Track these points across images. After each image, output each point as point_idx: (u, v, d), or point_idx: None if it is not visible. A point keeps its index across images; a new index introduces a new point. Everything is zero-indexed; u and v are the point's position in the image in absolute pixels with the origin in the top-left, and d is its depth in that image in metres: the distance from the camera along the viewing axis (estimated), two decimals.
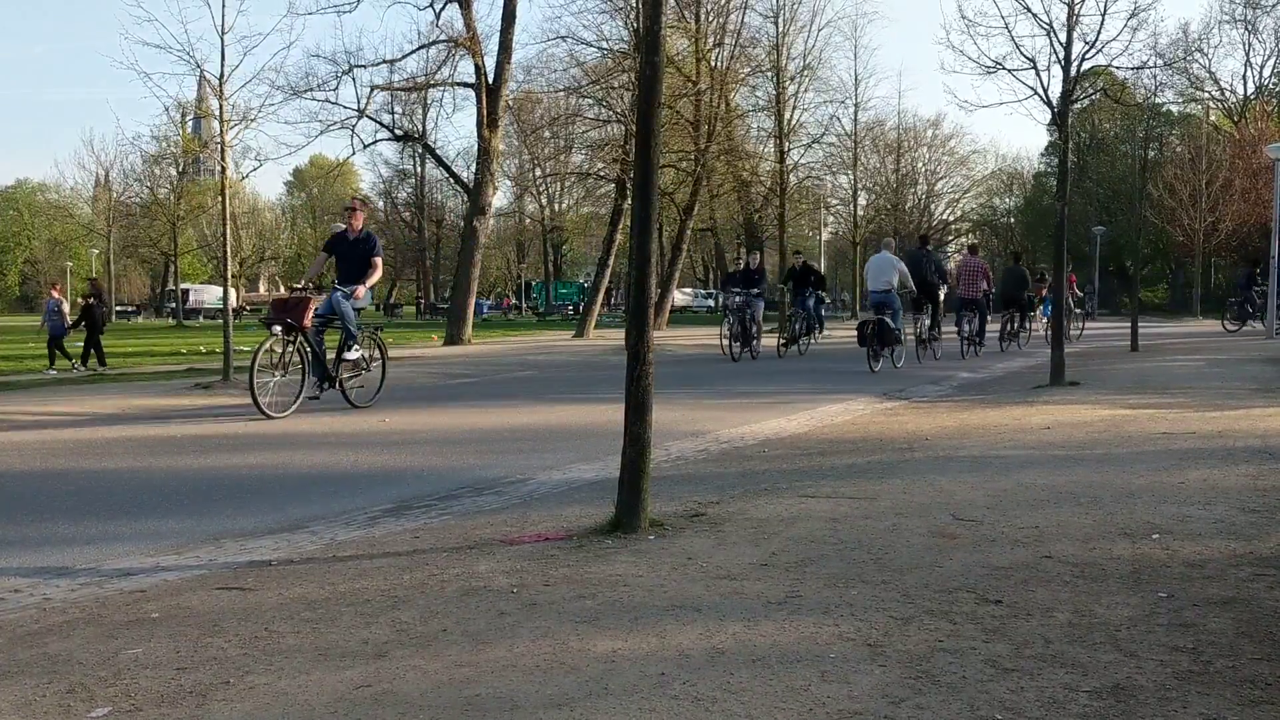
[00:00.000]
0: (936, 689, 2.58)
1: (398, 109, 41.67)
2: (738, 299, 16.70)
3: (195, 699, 2.64)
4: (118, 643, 3.13)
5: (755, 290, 16.71)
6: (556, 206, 57.65)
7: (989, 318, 17.43)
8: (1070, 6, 10.34)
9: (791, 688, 2.61)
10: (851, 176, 43.96)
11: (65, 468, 6.78)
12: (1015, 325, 18.38)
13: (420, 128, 44.67)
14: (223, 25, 11.99)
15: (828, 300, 22.70)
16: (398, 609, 3.37)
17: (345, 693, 2.65)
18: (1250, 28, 45.84)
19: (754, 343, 16.69)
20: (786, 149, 34.37)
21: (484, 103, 22.86)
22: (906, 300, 14.93)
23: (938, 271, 16.35)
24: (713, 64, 29.74)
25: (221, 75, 12.15)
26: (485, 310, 54.25)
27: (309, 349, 9.29)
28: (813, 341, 18.60)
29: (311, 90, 21.99)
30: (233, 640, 3.10)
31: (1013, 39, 16.43)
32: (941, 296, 16.19)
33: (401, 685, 2.69)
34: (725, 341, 16.26)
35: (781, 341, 18.18)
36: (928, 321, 15.76)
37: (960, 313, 16.71)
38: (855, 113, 41.46)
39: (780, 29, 32.87)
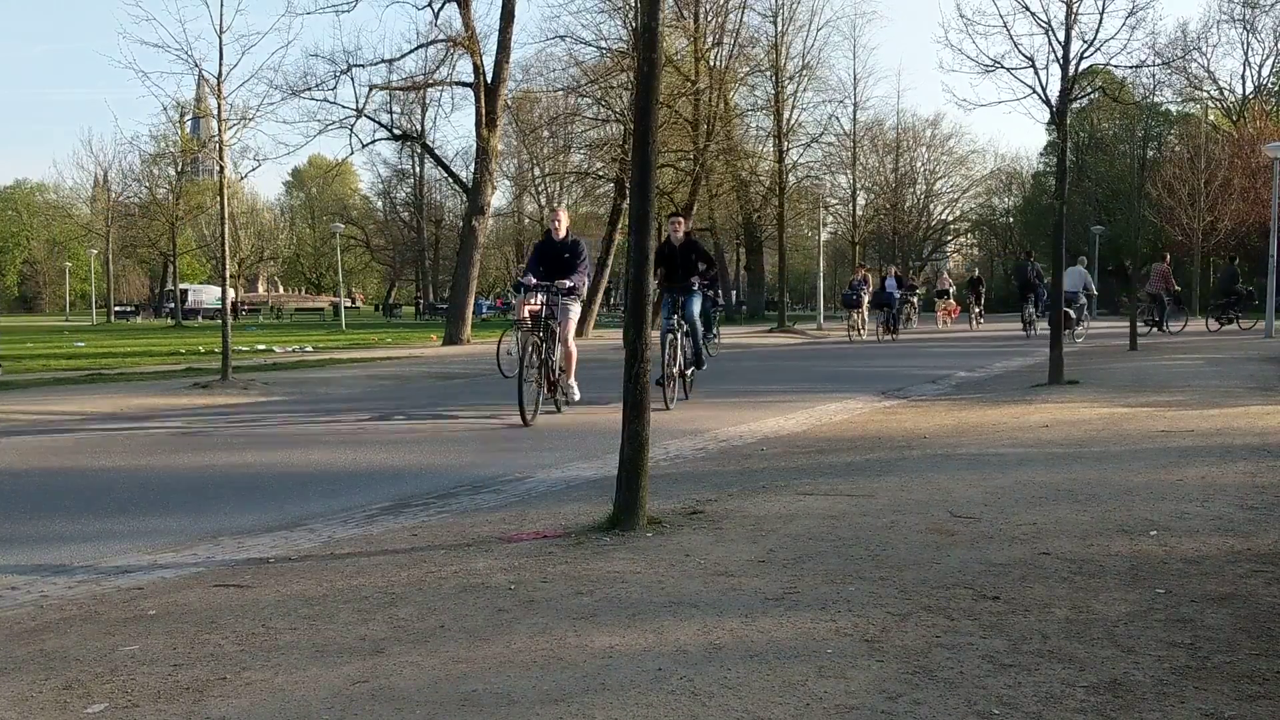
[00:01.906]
0: (934, 684, 2.58)
1: (396, 108, 41.63)
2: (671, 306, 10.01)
3: (192, 695, 2.63)
4: (115, 639, 3.13)
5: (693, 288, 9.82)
6: (555, 206, 57.61)
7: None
8: (1069, 5, 10.34)
9: (788, 683, 2.61)
10: (850, 176, 44.04)
11: (63, 466, 6.78)
12: (1234, 313, 22.70)
13: (419, 127, 44.62)
14: (221, 24, 11.98)
15: (721, 302, 18.45)
16: (395, 606, 3.37)
17: (342, 688, 2.65)
18: (1249, 27, 45.81)
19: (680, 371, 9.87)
20: (785, 148, 34.43)
21: (482, 102, 22.85)
22: (1082, 297, 20.09)
23: (1037, 274, 23.62)
24: (711, 63, 29.73)
25: (220, 74, 12.14)
26: (485, 310, 54.24)
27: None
28: (707, 353, 11.09)
29: (310, 90, 21.94)
30: (230, 637, 3.10)
31: (1011, 38, 16.40)
32: (1044, 294, 20.55)
33: (398, 681, 2.69)
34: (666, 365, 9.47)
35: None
36: (1033, 310, 22.37)
37: (1146, 304, 21.33)
38: (854, 112, 41.52)
39: (779, 28, 32.93)
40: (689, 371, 10.02)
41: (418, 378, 14.06)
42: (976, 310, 29.63)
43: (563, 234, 9.20)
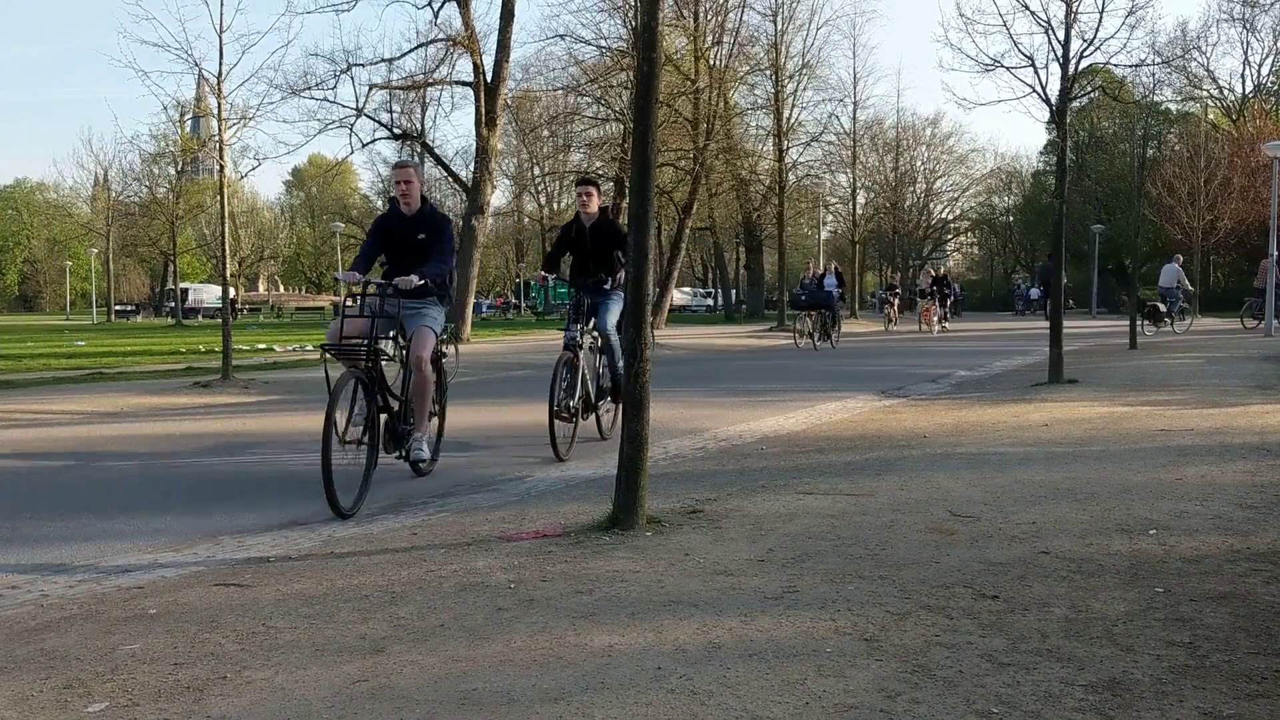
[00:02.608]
0: (932, 683, 2.58)
1: (396, 108, 41.51)
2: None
3: (192, 694, 2.64)
4: (115, 638, 3.13)
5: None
6: (555, 205, 57.58)
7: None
8: (1068, 4, 10.34)
9: (787, 681, 2.61)
10: (850, 175, 43.97)
11: (64, 465, 6.79)
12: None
13: (419, 126, 44.54)
14: (220, 24, 11.98)
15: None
16: (395, 605, 3.37)
17: (342, 687, 2.65)
18: (1248, 26, 45.78)
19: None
20: (785, 147, 34.41)
21: (482, 101, 22.84)
22: (1178, 293, 21.74)
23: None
24: (711, 62, 29.72)
25: (220, 74, 12.14)
26: (484, 309, 54.21)
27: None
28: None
29: (310, 89, 21.92)
30: (230, 636, 3.11)
31: (1011, 37, 16.42)
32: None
33: (398, 680, 2.69)
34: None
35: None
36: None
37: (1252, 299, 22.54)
38: (854, 111, 41.45)
39: (779, 27, 32.92)
40: (603, 406, 7.20)
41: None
42: (940, 312, 26.84)
43: (415, 202, 5.89)
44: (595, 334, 7.03)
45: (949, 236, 60.05)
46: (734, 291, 51.17)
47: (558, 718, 2.43)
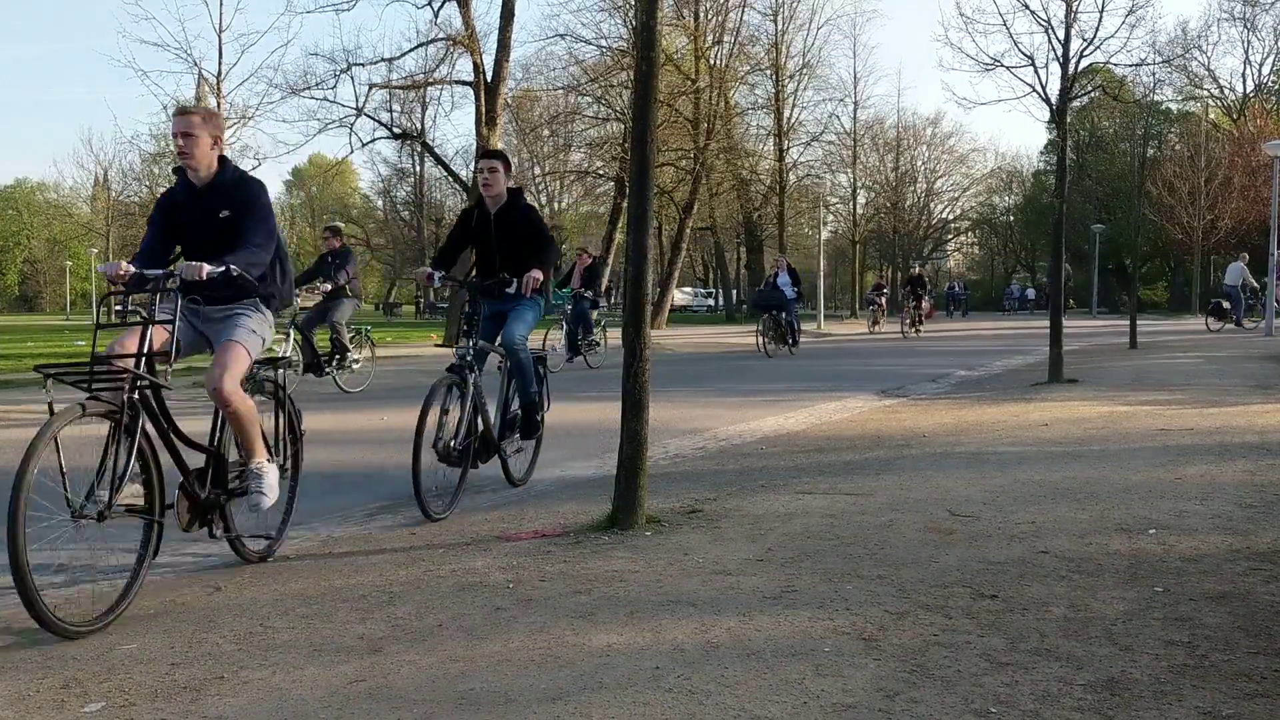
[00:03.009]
0: (931, 682, 2.58)
1: (396, 107, 41.66)
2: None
3: (189, 694, 2.64)
4: (112, 638, 3.13)
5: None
6: (556, 205, 57.61)
7: None
8: (1068, 3, 10.34)
9: (785, 681, 2.60)
10: (851, 175, 44.02)
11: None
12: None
13: (419, 126, 44.62)
14: (220, 23, 12.05)
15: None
16: (393, 605, 3.37)
17: (340, 687, 2.65)
18: (1249, 25, 45.79)
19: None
20: (786, 147, 34.48)
21: (482, 101, 22.83)
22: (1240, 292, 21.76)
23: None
24: (712, 62, 29.74)
25: (219, 73, 12.19)
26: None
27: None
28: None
29: (309, 88, 21.85)
30: (227, 636, 3.10)
31: (1011, 36, 16.51)
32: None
33: (396, 680, 2.69)
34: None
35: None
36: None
37: None
38: (854, 111, 41.53)
39: (779, 27, 32.97)
40: (510, 444, 5.58)
41: (417, 377, 14.05)
42: (913, 315, 24.48)
43: (206, 163, 4.04)
44: (505, 353, 5.49)
45: (949, 236, 60.02)
46: (735, 291, 51.17)
47: (555, 717, 2.43)
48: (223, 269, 3.75)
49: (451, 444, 4.98)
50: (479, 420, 5.22)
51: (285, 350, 10.49)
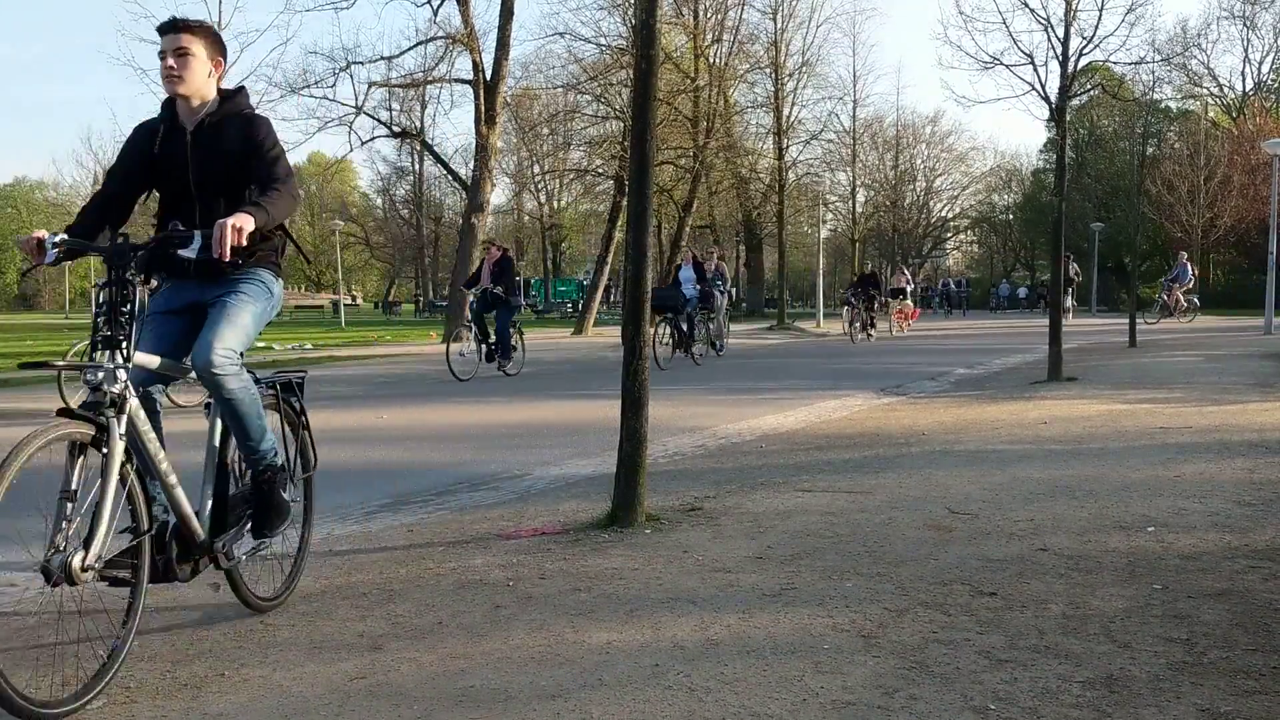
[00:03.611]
0: (930, 679, 2.58)
1: (395, 105, 41.59)
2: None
3: (190, 691, 2.64)
4: None
5: None
6: (555, 203, 57.61)
7: None
8: (1068, 1, 10.34)
9: (785, 678, 2.61)
10: (850, 173, 43.93)
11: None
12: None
13: (418, 124, 44.52)
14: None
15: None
16: (393, 602, 3.37)
17: (340, 685, 2.65)
18: (1249, 24, 45.74)
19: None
20: (785, 145, 34.41)
21: (482, 99, 22.83)
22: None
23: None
24: (711, 60, 29.70)
25: None
26: None
27: None
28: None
29: (309, 87, 21.90)
30: (228, 633, 3.11)
31: (1010, 34, 16.31)
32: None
33: (396, 677, 2.69)
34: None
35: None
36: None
37: None
38: (854, 109, 41.39)
39: (779, 25, 32.89)
40: (240, 541, 3.25)
41: (416, 376, 14.06)
42: (864, 318, 20.71)
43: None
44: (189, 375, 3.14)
45: (949, 235, 60.02)
46: (734, 289, 51.18)
47: (555, 715, 2.43)
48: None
49: (80, 561, 2.83)
50: (145, 508, 2.90)
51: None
